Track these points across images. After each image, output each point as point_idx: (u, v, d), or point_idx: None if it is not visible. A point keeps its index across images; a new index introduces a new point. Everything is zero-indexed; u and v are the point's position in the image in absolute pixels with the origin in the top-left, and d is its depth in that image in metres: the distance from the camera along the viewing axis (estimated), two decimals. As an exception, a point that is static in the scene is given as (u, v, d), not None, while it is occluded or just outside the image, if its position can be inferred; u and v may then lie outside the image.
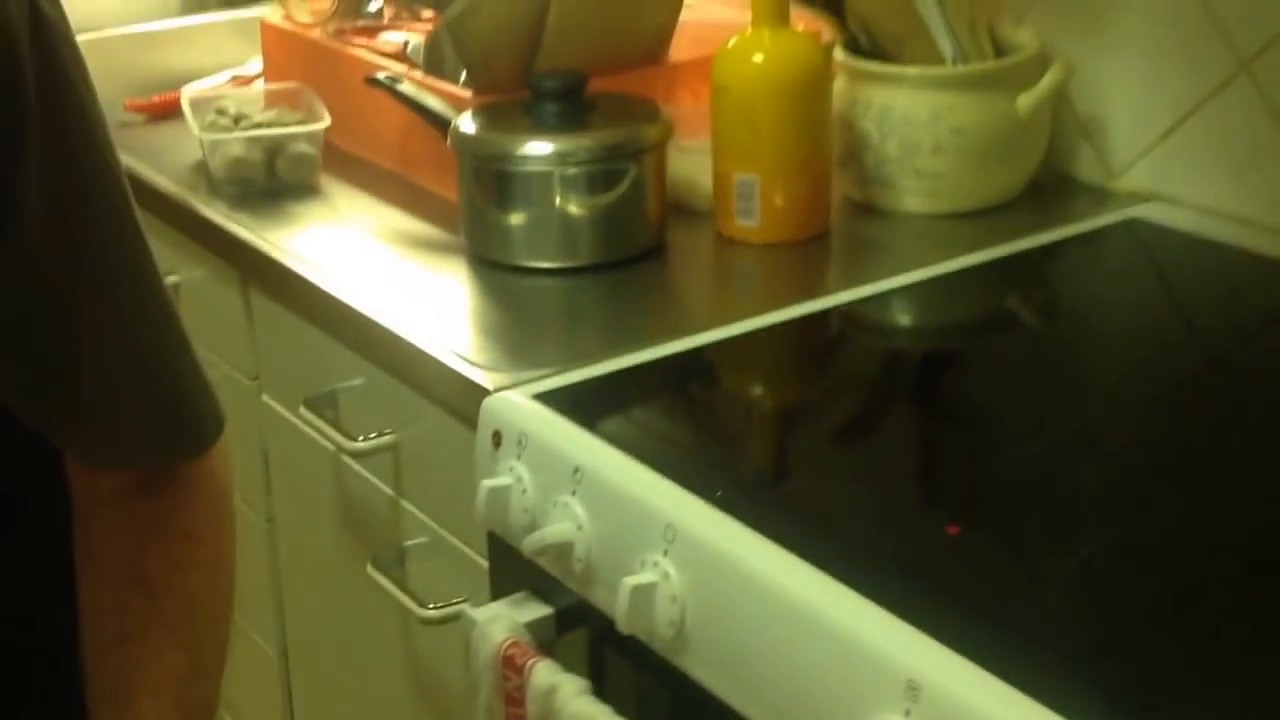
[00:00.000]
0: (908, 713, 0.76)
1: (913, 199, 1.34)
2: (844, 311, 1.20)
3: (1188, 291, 1.27)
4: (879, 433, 1.09)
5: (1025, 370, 1.15)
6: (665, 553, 0.90)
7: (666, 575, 0.90)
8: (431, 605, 1.17)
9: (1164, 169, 1.34)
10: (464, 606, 1.04)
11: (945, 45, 1.34)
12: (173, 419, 0.82)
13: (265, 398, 1.40)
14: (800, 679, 0.82)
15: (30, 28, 0.72)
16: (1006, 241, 1.28)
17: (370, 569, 1.23)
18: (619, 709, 0.93)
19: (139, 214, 0.80)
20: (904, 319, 1.25)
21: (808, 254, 1.29)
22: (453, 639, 1.14)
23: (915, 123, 1.31)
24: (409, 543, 1.23)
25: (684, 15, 1.47)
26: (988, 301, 1.27)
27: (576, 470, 0.97)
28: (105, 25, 2.08)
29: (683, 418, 1.10)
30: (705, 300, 1.27)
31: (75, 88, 0.75)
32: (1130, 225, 1.32)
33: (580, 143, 1.23)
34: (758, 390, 1.17)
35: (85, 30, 2.01)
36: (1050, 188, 1.38)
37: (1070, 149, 1.40)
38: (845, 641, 0.80)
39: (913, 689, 0.76)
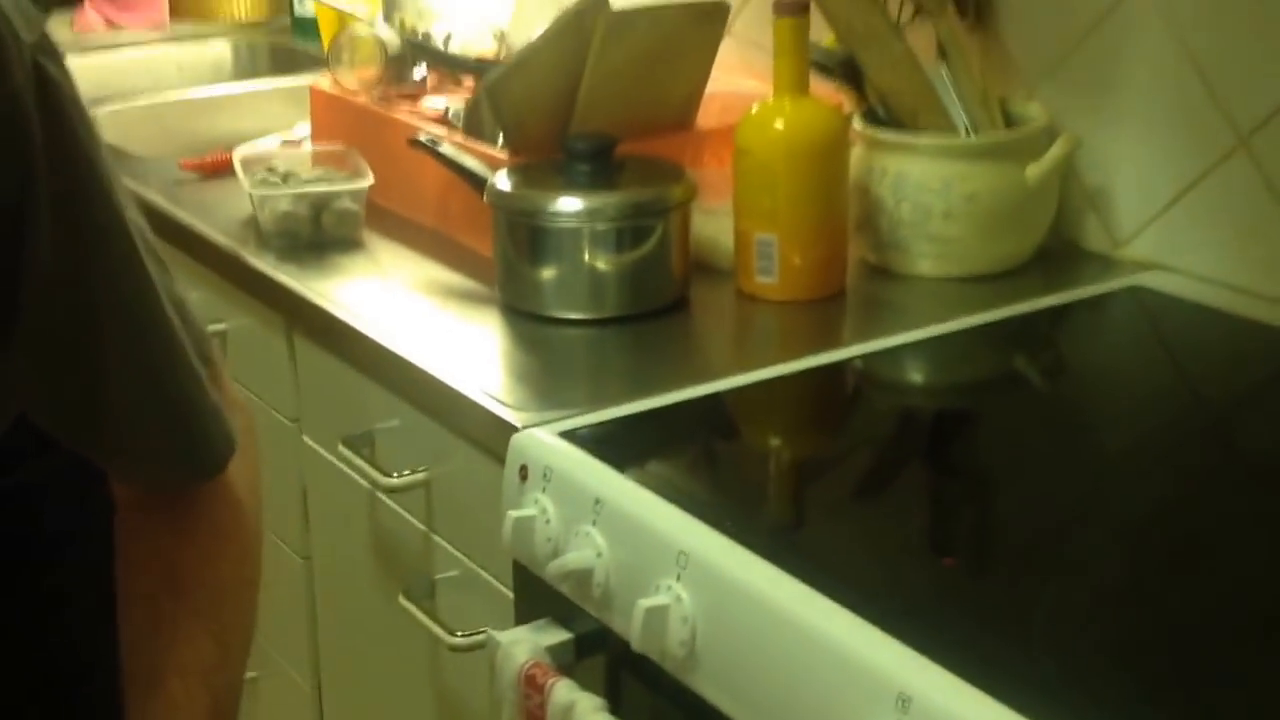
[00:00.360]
0: (900, 722, 0.82)
1: (925, 262, 1.40)
2: (856, 364, 1.26)
3: (1188, 356, 1.33)
4: (884, 476, 1.15)
5: (1026, 421, 1.21)
6: (678, 578, 0.96)
7: (679, 598, 0.96)
8: (460, 633, 1.23)
9: (1166, 239, 1.40)
10: (490, 631, 1.09)
11: (958, 117, 1.42)
12: (191, 447, 0.88)
13: (305, 438, 1.47)
14: (800, 692, 0.88)
15: (36, 91, 0.75)
16: (1015, 304, 1.34)
17: (402, 599, 1.29)
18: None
19: (148, 256, 0.84)
20: (914, 372, 1.31)
21: (824, 311, 1.35)
22: (479, 666, 1.20)
23: (928, 189, 1.38)
24: (439, 576, 1.29)
25: (713, 87, 1.55)
26: (994, 358, 1.33)
27: (597, 502, 1.03)
28: (164, 90, 2.19)
29: (698, 456, 1.16)
30: (724, 351, 1.34)
31: (82, 145, 0.79)
32: (1134, 292, 1.38)
33: (609, 201, 1.30)
34: (770, 433, 1.24)
35: (144, 94, 2.12)
36: (1058, 255, 1.44)
37: (1077, 219, 1.46)
38: (841, 657, 0.86)
39: (903, 700, 0.82)
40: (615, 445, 1.10)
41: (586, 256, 1.31)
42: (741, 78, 1.64)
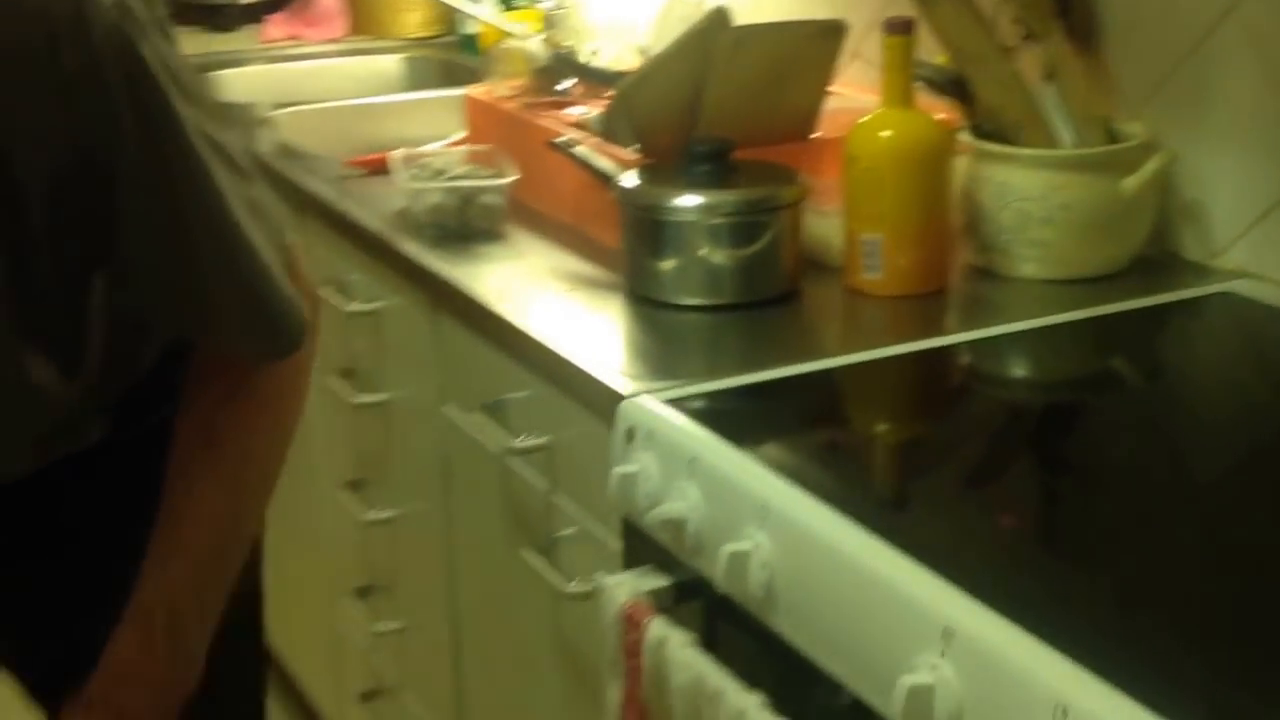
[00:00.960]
0: (942, 654, 0.92)
1: (1026, 265, 1.49)
2: (955, 350, 1.37)
3: (1275, 358, 1.40)
4: (966, 449, 1.25)
5: (1116, 409, 1.31)
6: (760, 526, 1.08)
7: (759, 545, 1.07)
8: (575, 583, 1.36)
9: (1259, 249, 1.47)
10: (599, 575, 1.22)
11: (1062, 133, 1.51)
12: (270, 333, 1.07)
13: (445, 409, 1.61)
14: (859, 628, 0.98)
15: (116, 48, 0.93)
16: (1110, 304, 1.43)
17: (525, 553, 1.42)
18: (727, 664, 1.09)
19: (224, 171, 1.02)
20: (1010, 361, 1.41)
21: (927, 305, 1.45)
22: (592, 613, 1.33)
23: (1028, 197, 1.47)
24: (559, 533, 1.42)
25: (836, 103, 1.67)
26: (1089, 352, 1.42)
27: (692, 459, 1.15)
28: (340, 98, 2.37)
29: (788, 423, 1.27)
30: (827, 335, 1.45)
31: (160, 92, 0.96)
32: (1227, 297, 1.46)
33: (725, 198, 1.42)
34: (859, 405, 1.35)
35: (322, 101, 2.31)
36: (1155, 262, 1.52)
37: (1175, 229, 1.54)
38: (893, 598, 0.96)
39: (947, 635, 0.92)
40: (713, 412, 1.21)
41: (704, 249, 1.43)
42: (864, 94, 1.75)
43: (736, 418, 1.22)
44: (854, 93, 1.76)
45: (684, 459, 1.16)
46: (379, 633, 1.90)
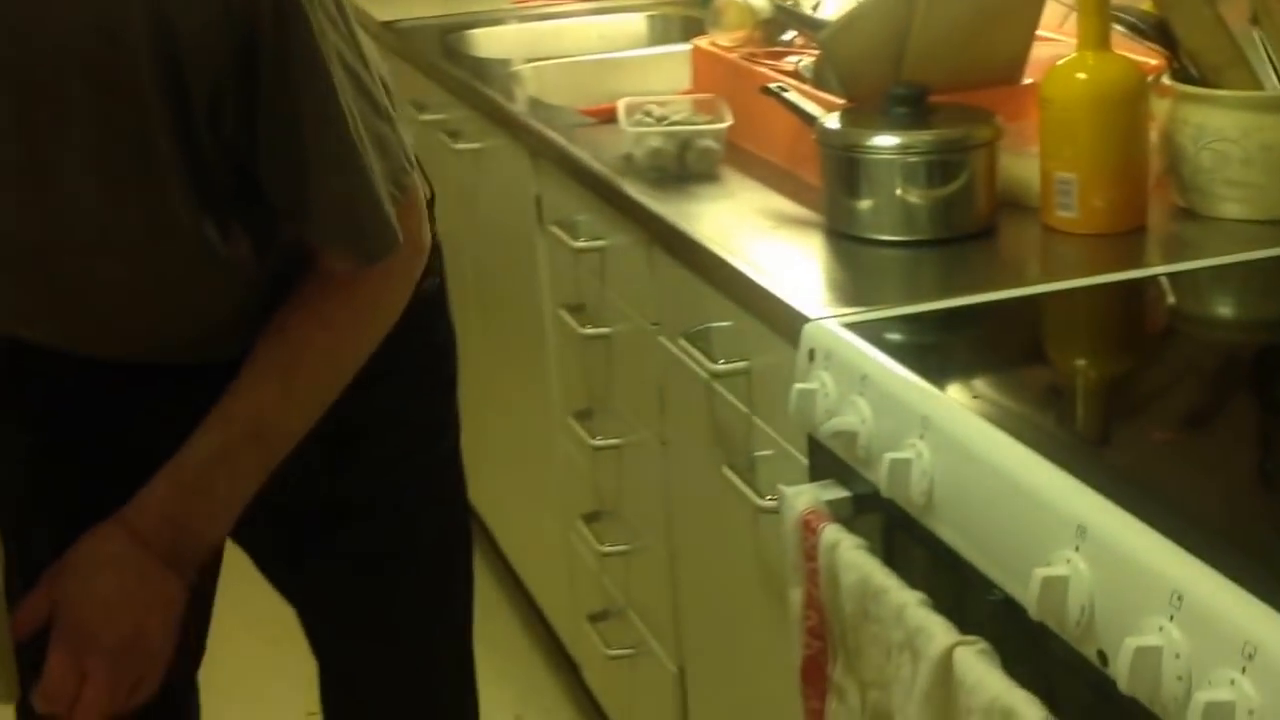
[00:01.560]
0: (1077, 548, 0.99)
1: (1226, 205, 1.52)
2: (1147, 281, 1.42)
3: None
4: (1130, 358, 1.30)
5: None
6: (921, 437, 1.16)
7: (920, 454, 1.15)
8: (769, 498, 1.46)
9: None
10: (781, 486, 1.32)
11: (1265, 76, 1.52)
12: (359, 237, 1.20)
13: (661, 339, 1.73)
14: (1005, 527, 1.06)
15: None
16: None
17: (725, 470, 1.53)
18: (897, 568, 1.18)
19: (357, 97, 1.16)
20: (1206, 292, 1.44)
21: (1122, 242, 1.49)
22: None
23: (1228, 138, 1.49)
24: (757, 452, 1.52)
25: (1050, 49, 1.71)
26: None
27: (863, 377, 1.24)
28: (586, 53, 2.51)
29: (963, 341, 1.35)
30: (1019, 269, 1.51)
31: (303, 17, 1.10)
32: None
33: (920, 137, 1.50)
34: (1033, 328, 1.40)
35: (567, 56, 2.44)
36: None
37: (1381, 171, 1.53)
38: (1030, 497, 1.03)
39: (1081, 530, 0.99)
40: (890, 336, 1.30)
41: (899, 187, 1.50)
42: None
43: (911, 342, 1.30)
44: (1071, 38, 1.79)
45: (856, 376, 1.24)
46: (606, 554, 2.04)
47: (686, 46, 2.34)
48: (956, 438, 1.13)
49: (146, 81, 1.09)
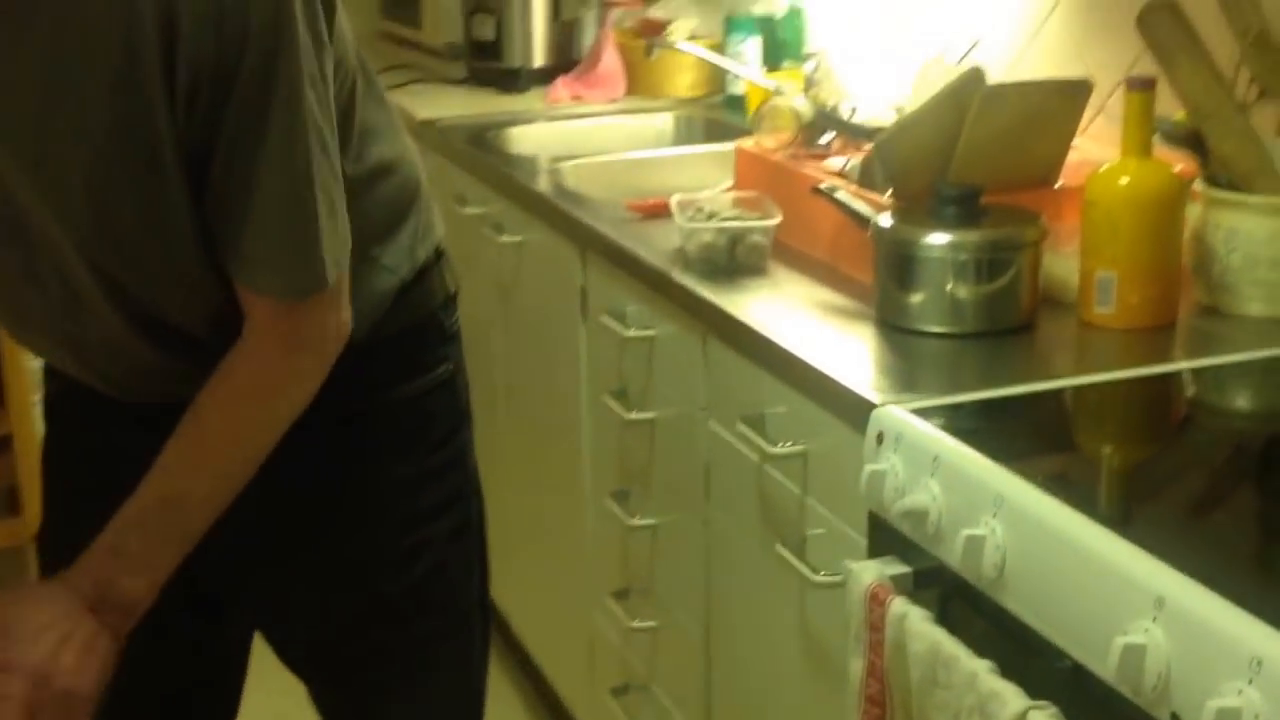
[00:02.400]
0: (1154, 618, 1.06)
1: (1253, 304, 1.61)
2: (1180, 375, 1.51)
3: None
4: (1184, 462, 1.38)
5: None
6: (995, 515, 1.23)
7: (994, 531, 1.23)
8: (823, 573, 1.53)
9: None
10: (846, 562, 1.38)
11: (1292, 182, 1.62)
12: (291, 266, 1.24)
13: (711, 423, 1.80)
14: (1080, 600, 1.13)
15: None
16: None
17: (779, 547, 1.60)
18: (959, 637, 1.25)
19: (314, 140, 1.21)
20: (1234, 388, 1.53)
21: (1155, 337, 1.58)
22: (836, 602, 1.49)
23: (1257, 240, 1.59)
24: (809, 532, 1.59)
25: (1076, 155, 1.81)
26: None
27: (935, 459, 1.31)
28: (614, 151, 2.60)
29: (1024, 425, 1.43)
30: (1058, 361, 1.59)
31: (283, 49, 1.17)
32: None
33: (971, 237, 1.58)
34: (1087, 418, 1.50)
35: (600, 154, 2.54)
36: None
37: (1401, 275, 1.63)
38: (1111, 572, 1.10)
39: (1158, 603, 1.06)
40: (953, 419, 1.38)
41: (950, 282, 1.59)
42: (1102, 146, 1.88)
43: (972, 426, 1.38)
44: (1094, 145, 1.90)
45: (928, 458, 1.32)
46: (634, 629, 2.09)
47: (719, 146, 2.46)
48: (1031, 515, 1.20)
49: (151, 72, 1.16)
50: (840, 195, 1.75)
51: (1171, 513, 1.27)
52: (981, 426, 1.39)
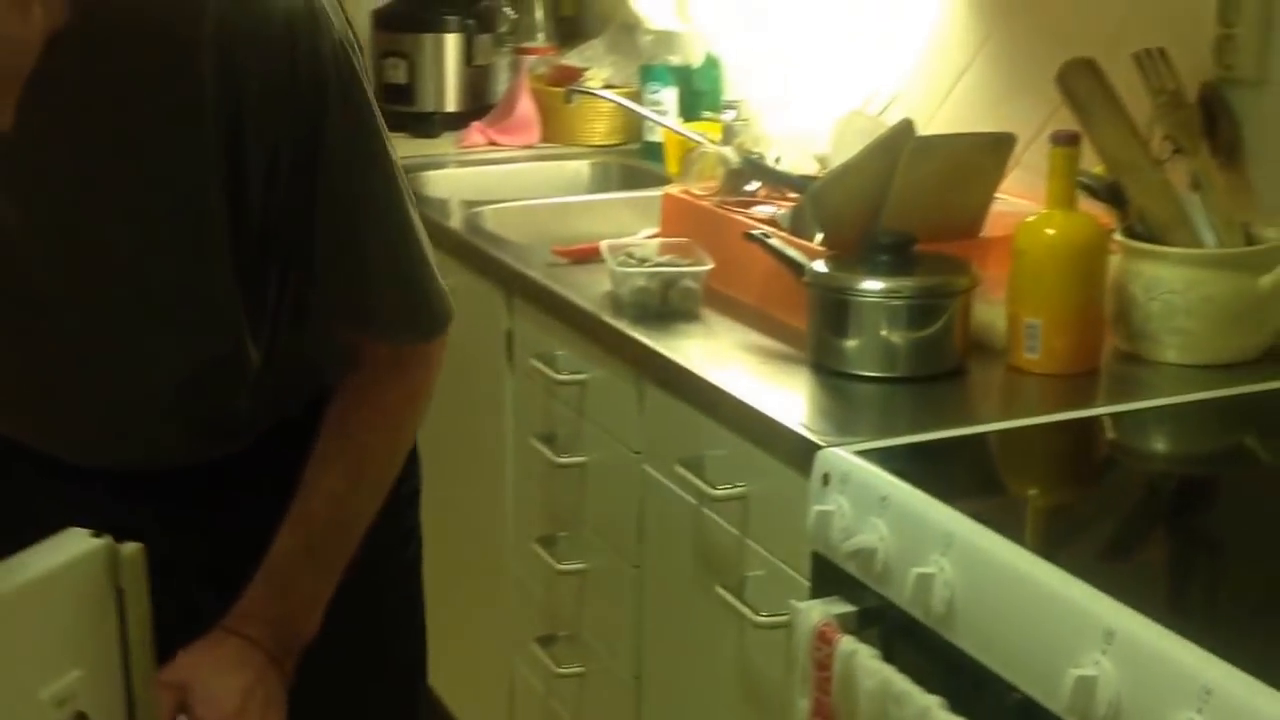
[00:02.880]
0: (1104, 651, 1.10)
1: (1169, 351, 1.67)
2: (1102, 420, 1.56)
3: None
4: (1111, 486, 1.44)
5: (1241, 474, 1.48)
6: (944, 553, 1.27)
7: (943, 569, 1.26)
8: (764, 614, 1.55)
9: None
10: (792, 602, 1.41)
11: (1206, 235, 1.70)
12: (418, 313, 1.29)
13: (645, 466, 1.82)
14: (1031, 635, 1.16)
15: (336, 63, 1.17)
16: (1244, 386, 1.61)
17: (719, 589, 1.62)
18: (906, 674, 1.28)
19: (403, 187, 1.26)
20: (1152, 431, 1.59)
21: (1078, 383, 1.64)
22: (778, 644, 1.52)
23: (1174, 290, 1.65)
24: (749, 573, 1.61)
25: (999, 206, 1.87)
26: (1222, 426, 1.60)
27: (883, 499, 1.35)
28: (529, 196, 2.63)
29: (961, 467, 1.47)
30: (990, 405, 1.64)
31: (367, 105, 1.21)
32: (1352, 386, 1.63)
33: (905, 284, 1.63)
34: (1021, 458, 1.54)
35: (517, 199, 2.56)
36: (1287, 354, 1.70)
37: (1308, 324, 1.71)
38: (1060, 605, 1.14)
39: (1108, 635, 1.10)
40: (896, 461, 1.41)
41: (884, 328, 1.63)
42: (1022, 200, 1.95)
43: (908, 468, 1.42)
44: (1015, 197, 1.97)
45: (875, 498, 1.35)
46: (560, 675, 2.10)
47: (641, 193, 2.50)
48: (981, 553, 1.24)
49: (211, 140, 1.16)
50: (773, 242, 1.79)
51: (1109, 549, 1.32)
52: (916, 469, 1.43)
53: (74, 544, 1.10)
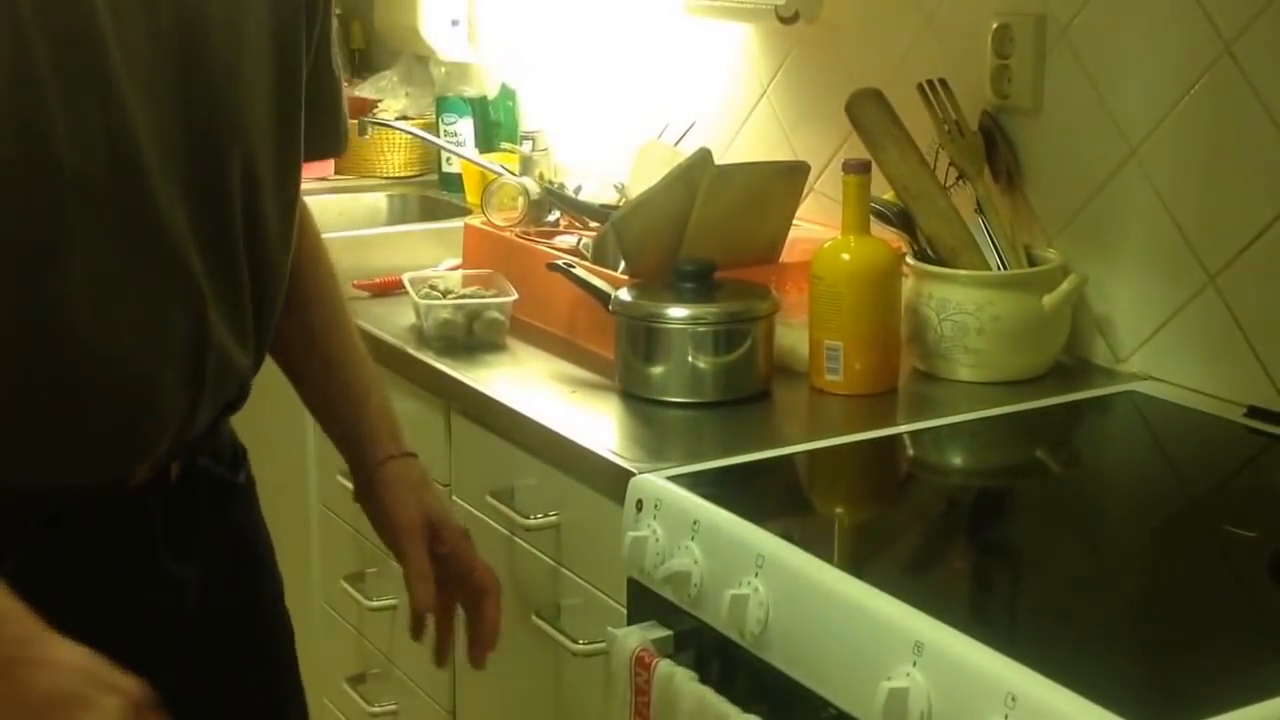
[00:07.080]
0: (914, 663, 1.14)
1: (963, 370, 1.74)
2: (902, 437, 1.61)
3: (1172, 445, 1.66)
4: (916, 510, 1.49)
5: (1034, 485, 1.55)
6: (756, 574, 1.29)
7: (756, 590, 1.29)
8: (581, 642, 1.56)
9: (1156, 356, 1.73)
10: (609, 628, 1.42)
11: (991, 257, 1.77)
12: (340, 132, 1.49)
13: (454, 499, 1.81)
14: (843, 652, 1.20)
15: None
16: (1033, 401, 1.68)
17: (534, 618, 1.62)
18: (723, 694, 1.30)
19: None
20: (948, 446, 1.65)
21: (879, 403, 1.69)
22: (595, 671, 1.52)
23: (964, 311, 1.72)
24: (564, 601, 1.62)
25: (795, 232, 1.92)
26: (1014, 439, 1.66)
27: (695, 523, 1.37)
28: (325, 230, 2.59)
29: (770, 488, 1.51)
30: (796, 427, 1.68)
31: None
32: (1130, 396, 1.71)
33: (709, 310, 1.66)
34: (828, 478, 1.59)
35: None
36: (1071, 368, 1.78)
37: (1087, 339, 1.80)
38: (870, 620, 1.18)
39: (918, 646, 1.14)
40: (708, 485, 1.44)
41: (690, 354, 1.66)
42: (817, 227, 2.01)
43: (726, 488, 1.44)
44: (811, 223, 2.02)
45: (688, 522, 1.37)
46: (373, 713, 2.07)
47: (441, 224, 2.49)
48: (792, 572, 1.27)
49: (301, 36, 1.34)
50: (578, 271, 1.81)
51: (915, 562, 1.37)
52: (727, 492, 1.46)
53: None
